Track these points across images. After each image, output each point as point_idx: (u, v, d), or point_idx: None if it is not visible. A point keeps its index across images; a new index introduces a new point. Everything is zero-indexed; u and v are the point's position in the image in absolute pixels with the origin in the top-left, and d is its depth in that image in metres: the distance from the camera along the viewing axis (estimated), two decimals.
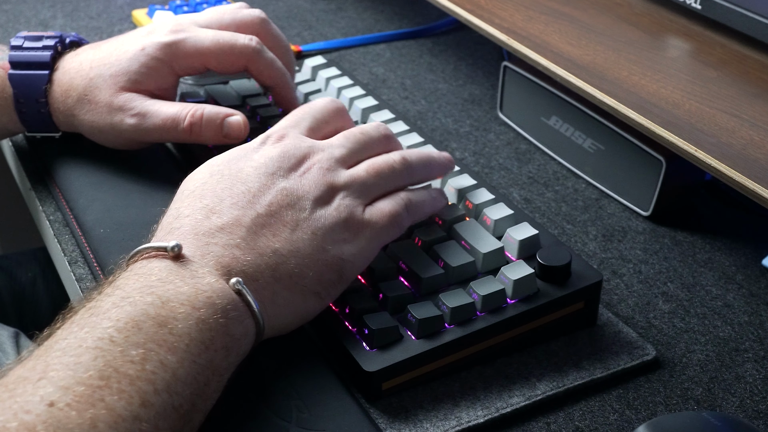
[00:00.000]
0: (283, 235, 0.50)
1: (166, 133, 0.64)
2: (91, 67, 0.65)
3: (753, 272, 0.64)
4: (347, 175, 0.53)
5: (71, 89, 0.65)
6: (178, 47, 0.64)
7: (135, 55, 0.64)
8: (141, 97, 0.64)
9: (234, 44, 0.64)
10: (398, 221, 0.53)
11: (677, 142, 0.59)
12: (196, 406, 0.43)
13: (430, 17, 1.01)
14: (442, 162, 0.59)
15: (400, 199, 0.54)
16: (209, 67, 0.66)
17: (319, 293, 0.50)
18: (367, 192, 0.53)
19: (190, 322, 0.44)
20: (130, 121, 0.64)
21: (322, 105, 0.58)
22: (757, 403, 0.53)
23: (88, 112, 0.65)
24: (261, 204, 0.50)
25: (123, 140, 0.66)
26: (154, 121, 0.63)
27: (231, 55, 0.65)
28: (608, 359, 0.54)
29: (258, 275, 0.48)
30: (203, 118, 0.63)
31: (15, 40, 0.67)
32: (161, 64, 0.64)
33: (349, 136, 0.56)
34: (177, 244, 0.47)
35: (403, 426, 0.49)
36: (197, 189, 0.52)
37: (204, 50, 0.64)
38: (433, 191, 0.58)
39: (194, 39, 0.64)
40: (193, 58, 0.65)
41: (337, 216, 0.51)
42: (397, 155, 0.56)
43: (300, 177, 0.52)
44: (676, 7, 0.76)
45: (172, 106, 0.64)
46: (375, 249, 0.53)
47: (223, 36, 0.65)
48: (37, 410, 0.38)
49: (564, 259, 0.55)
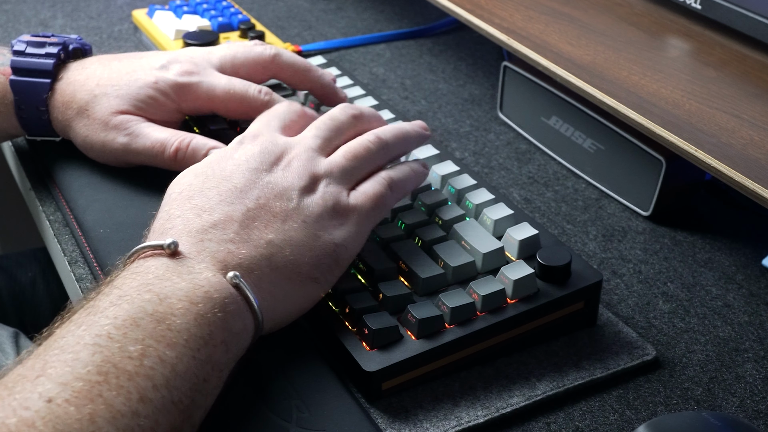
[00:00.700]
0: (275, 226, 0.50)
1: (153, 158, 0.64)
2: (97, 85, 0.65)
3: (753, 272, 0.64)
4: (327, 163, 0.54)
5: (73, 102, 0.65)
6: (190, 90, 0.65)
7: (145, 86, 0.64)
8: (138, 119, 0.64)
9: (245, 96, 0.65)
10: (383, 201, 0.55)
11: (677, 142, 0.59)
12: (196, 402, 0.43)
13: (430, 17, 1.01)
14: (416, 133, 0.60)
15: (382, 179, 0.55)
16: (217, 113, 0.67)
17: (317, 279, 0.51)
18: (348, 177, 0.54)
19: (188, 317, 0.44)
20: (121, 140, 0.64)
21: (285, 107, 0.60)
22: (757, 403, 0.53)
23: (84, 126, 0.65)
24: (249, 198, 0.51)
25: (113, 158, 0.66)
26: (144, 142, 0.63)
27: (242, 105, 0.65)
28: (608, 359, 0.54)
29: (254, 267, 0.49)
30: (189, 147, 0.63)
31: (18, 44, 0.67)
32: (169, 102, 0.65)
33: (319, 125, 0.57)
34: (173, 241, 0.47)
35: (403, 426, 0.49)
36: (184, 191, 0.52)
37: (215, 97, 0.65)
38: (413, 164, 0.59)
39: (207, 85, 0.65)
40: (202, 102, 0.65)
41: (323, 204, 0.52)
42: (371, 135, 0.57)
43: (283, 171, 0.53)
44: (676, 7, 0.76)
45: (163, 131, 0.64)
46: (365, 232, 0.54)
47: (235, 86, 0.65)
48: (35, 407, 0.38)
49: (564, 259, 0.55)
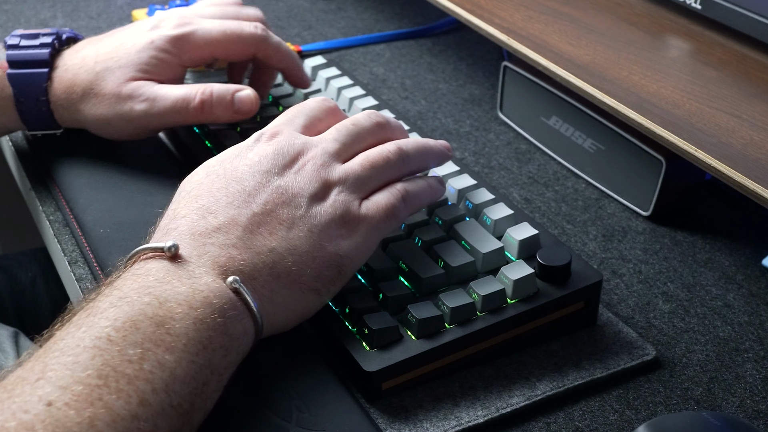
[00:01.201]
0: (280, 234, 0.49)
1: (177, 114, 0.64)
2: (96, 62, 0.65)
3: (753, 272, 0.64)
4: (342, 170, 0.53)
5: (75, 85, 0.65)
6: (188, 39, 0.65)
7: (144, 48, 0.65)
8: (149, 84, 0.64)
9: (241, 33, 0.66)
10: (395, 214, 0.53)
11: (677, 142, 0.59)
12: (195, 406, 0.43)
13: (430, 17, 1.01)
14: (439, 150, 0.58)
15: (397, 191, 0.53)
16: (218, 57, 0.67)
17: (319, 290, 0.50)
18: (363, 186, 0.53)
19: (187, 321, 0.44)
20: (140, 107, 0.64)
21: (315, 103, 0.58)
22: (757, 403, 0.53)
23: (95, 106, 0.65)
24: (257, 203, 0.50)
25: (132, 129, 0.66)
26: (165, 103, 0.64)
27: (239, 44, 0.66)
28: (608, 359, 0.54)
29: (255, 274, 0.48)
30: (213, 96, 0.63)
31: (11, 38, 0.67)
32: (170, 57, 0.65)
33: (341, 129, 0.55)
34: (174, 244, 0.47)
35: (403, 426, 0.49)
36: (194, 189, 0.52)
37: (212, 41, 0.65)
38: (431, 179, 0.57)
39: (202, 31, 0.65)
40: (201, 50, 0.66)
41: (332, 212, 0.51)
42: (392, 146, 0.55)
43: (295, 174, 0.52)
44: (676, 7, 0.76)
45: (180, 88, 0.64)
46: (373, 243, 0.52)
47: (230, 26, 0.66)
48: (35, 410, 0.38)
49: (564, 259, 0.55)
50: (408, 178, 0.56)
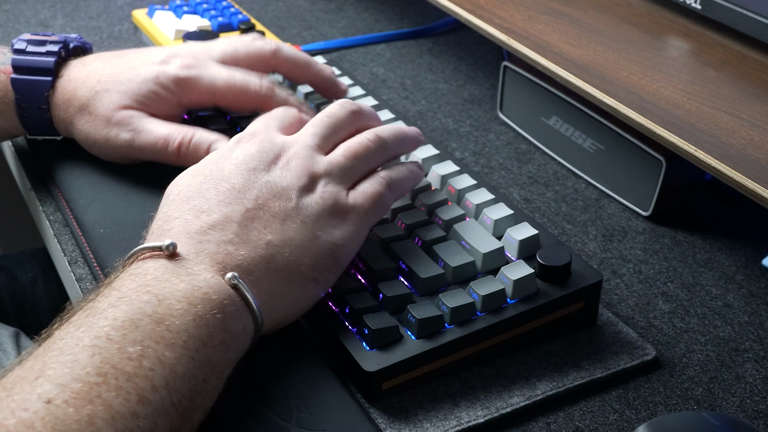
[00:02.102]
0: (274, 226, 0.50)
1: (156, 154, 0.64)
2: (98, 81, 0.65)
3: (753, 272, 0.64)
4: (326, 162, 0.54)
5: (74, 99, 0.65)
6: (192, 83, 0.65)
7: (147, 80, 0.64)
8: (140, 115, 0.64)
9: (246, 88, 0.65)
10: (382, 201, 0.55)
11: (677, 142, 0.59)
12: (195, 403, 0.43)
13: (430, 17, 1.01)
14: (413, 136, 0.61)
15: (381, 179, 0.55)
16: (219, 106, 0.67)
17: (317, 279, 0.51)
18: (348, 176, 0.54)
19: (187, 318, 0.44)
20: (125, 136, 0.64)
21: (283, 110, 0.59)
22: (757, 403, 0.53)
23: (86, 123, 0.65)
24: (248, 199, 0.51)
25: (116, 154, 0.66)
26: (147, 138, 0.64)
27: (242, 98, 0.65)
28: (608, 359, 0.54)
29: (253, 268, 0.48)
30: (191, 143, 0.63)
31: (18, 43, 0.67)
32: (171, 96, 0.65)
33: (317, 123, 0.57)
34: (172, 243, 0.47)
35: (403, 426, 0.49)
36: (182, 192, 0.52)
37: (215, 90, 0.65)
38: (410, 165, 0.59)
39: (208, 78, 0.65)
40: (203, 96, 0.65)
41: (322, 203, 0.52)
42: (371, 134, 0.57)
43: (281, 170, 0.52)
44: (676, 7, 0.76)
45: (166, 126, 0.64)
46: (364, 231, 0.54)
47: (236, 78, 0.65)
48: (34, 408, 0.38)
49: (564, 259, 0.55)
50: (389, 164, 0.58)
